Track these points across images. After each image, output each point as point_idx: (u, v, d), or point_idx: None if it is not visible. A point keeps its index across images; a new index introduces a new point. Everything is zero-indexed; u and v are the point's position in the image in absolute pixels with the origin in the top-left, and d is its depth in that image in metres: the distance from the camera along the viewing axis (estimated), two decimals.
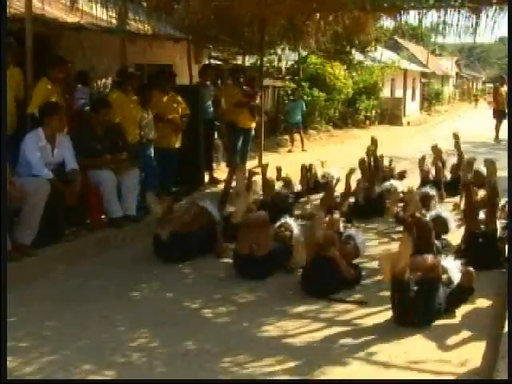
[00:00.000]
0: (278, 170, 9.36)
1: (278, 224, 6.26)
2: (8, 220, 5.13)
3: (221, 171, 10.74)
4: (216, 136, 11.37)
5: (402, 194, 7.94)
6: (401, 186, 8.60)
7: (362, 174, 8.57)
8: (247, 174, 7.76)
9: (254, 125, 10.89)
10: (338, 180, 9.19)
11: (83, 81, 8.78)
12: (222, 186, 9.20)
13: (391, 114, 25.03)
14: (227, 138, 10.95)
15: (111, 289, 5.38)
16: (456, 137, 9.72)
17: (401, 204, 7.68)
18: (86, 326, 4.48)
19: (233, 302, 5.14)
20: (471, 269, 4.96)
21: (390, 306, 4.71)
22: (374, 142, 9.13)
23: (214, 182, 10.04)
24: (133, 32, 9.31)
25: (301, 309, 4.97)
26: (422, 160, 9.67)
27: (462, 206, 7.25)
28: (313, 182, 9.71)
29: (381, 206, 7.97)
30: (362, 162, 8.57)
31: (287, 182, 9.11)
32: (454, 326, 4.61)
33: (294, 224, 6.21)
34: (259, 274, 5.65)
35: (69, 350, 4.08)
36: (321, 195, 8.20)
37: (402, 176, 10.05)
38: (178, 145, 8.69)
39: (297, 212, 7.88)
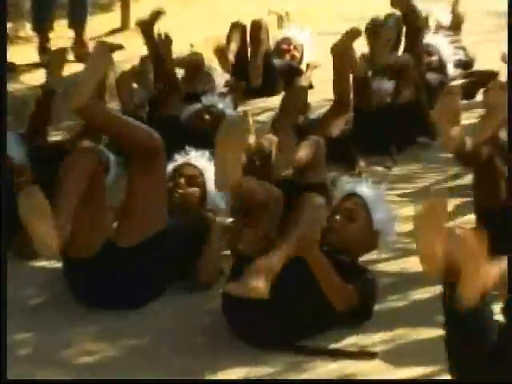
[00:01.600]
0: (154, 16, 7.06)
1: (172, 166, 4.82)
2: None
3: (28, 45, 9.14)
4: None
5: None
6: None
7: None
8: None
9: None
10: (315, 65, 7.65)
11: None
12: (27, 80, 8.17)
13: None
14: None
15: None
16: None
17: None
18: None
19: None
20: None
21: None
22: None
23: (10, 69, 8.56)
24: None
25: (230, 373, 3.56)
26: None
27: None
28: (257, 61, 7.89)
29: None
30: None
31: (193, 63, 7.16)
32: None
33: (206, 164, 4.85)
34: (124, 296, 4.06)
35: None
36: (280, 96, 6.57)
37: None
38: None
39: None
